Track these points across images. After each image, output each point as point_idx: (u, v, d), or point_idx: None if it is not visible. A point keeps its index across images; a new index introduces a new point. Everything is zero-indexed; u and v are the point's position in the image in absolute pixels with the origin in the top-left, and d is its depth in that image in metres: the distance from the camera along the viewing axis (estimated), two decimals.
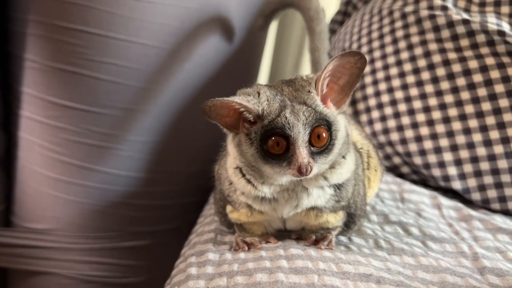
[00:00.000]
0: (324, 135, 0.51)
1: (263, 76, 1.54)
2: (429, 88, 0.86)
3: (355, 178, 0.60)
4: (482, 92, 0.82)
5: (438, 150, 0.85)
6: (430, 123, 0.86)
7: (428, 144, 0.86)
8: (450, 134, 0.84)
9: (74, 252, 0.92)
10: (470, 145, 0.82)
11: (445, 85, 0.85)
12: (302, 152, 0.50)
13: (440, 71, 0.86)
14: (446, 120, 0.84)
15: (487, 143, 0.81)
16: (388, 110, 0.91)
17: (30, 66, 0.85)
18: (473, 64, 0.83)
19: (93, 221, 0.92)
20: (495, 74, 0.81)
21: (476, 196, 0.83)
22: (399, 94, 0.90)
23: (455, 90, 0.84)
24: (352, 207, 0.61)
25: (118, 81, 0.85)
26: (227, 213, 0.62)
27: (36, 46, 0.84)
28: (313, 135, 0.50)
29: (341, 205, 0.59)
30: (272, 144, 0.50)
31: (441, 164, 0.85)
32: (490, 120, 0.81)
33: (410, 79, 0.89)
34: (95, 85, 0.85)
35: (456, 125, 0.84)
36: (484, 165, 0.82)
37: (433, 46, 0.87)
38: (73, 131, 0.86)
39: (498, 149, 0.80)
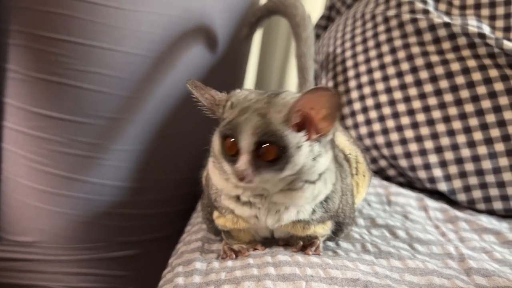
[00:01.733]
0: (271, 151, 0.50)
1: (249, 82, 1.54)
2: (412, 91, 0.87)
3: (342, 189, 0.60)
4: (464, 94, 0.83)
5: (423, 152, 0.86)
6: (415, 125, 0.86)
7: (413, 147, 0.87)
8: (435, 136, 0.85)
9: (61, 264, 0.91)
10: (455, 147, 0.83)
11: (428, 87, 0.86)
12: (242, 159, 0.50)
13: (423, 74, 0.87)
14: (430, 122, 0.85)
15: (471, 144, 0.82)
16: (373, 114, 0.91)
17: (13, 76, 0.84)
18: (455, 66, 0.84)
19: (79, 232, 0.91)
20: (476, 76, 0.83)
21: (461, 197, 0.83)
22: (383, 98, 0.90)
23: (438, 92, 0.85)
24: (340, 216, 0.61)
25: (102, 90, 0.84)
26: (213, 219, 0.62)
27: (18, 56, 0.83)
28: (260, 148, 0.50)
29: (329, 215, 0.59)
30: (227, 144, 0.52)
31: (427, 166, 0.85)
32: (473, 122, 0.82)
33: (394, 82, 0.89)
34: (79, 94, 0.84)
35: (440, 127, 0.85)
36: (469, 166, 0.82)
37: (415, 50, 0.88)
38: (58, 141, 0.86)
39: (482, 150, 0.81)
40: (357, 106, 0.94)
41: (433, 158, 0.85)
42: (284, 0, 0.92)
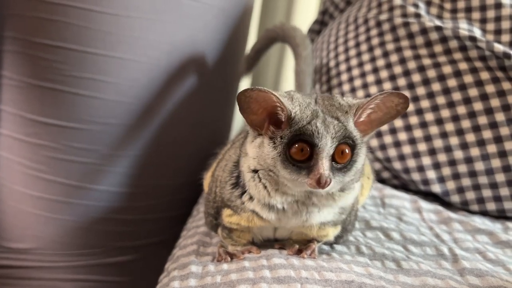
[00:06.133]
0: (347, 152, 0.51)
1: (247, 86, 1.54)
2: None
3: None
4: (456, 96, 0.84)
5: (416, 155, 0.86)
6: (408, 128, 0.87)
7: (406, 149, 0.87)
8: (428, 138, 0.86)
9: (58, 271, 0.91)
10: (448, 149, 0.84)
11: (420, 90, 0.87)
12: (325, 164, 0.49)
13: (416, 77, 0.87)
14: (423, 125, 0.86)
15: (464, 146, 0.83)
16: None
17: (8, 83, 0.85)
18: (447, 69, 0.85)
19: (76, 238, 0.91)
20: (468, 78, 0.83)
21: (455, 198, 0.84)
22: None
23: (430, 95, 0.86)
24: (346, 221, 0.62)
25: (97, 96, 0.85)
26: (222, 217, 0.60)
27: (13, 63, 0.84)
28: (337, 150, 0.50)
29: (342, 218, 0.59)
30: (296, 150, 0.50)
31: (420, 168, 0.86)
32: (466, 124, 0.83)
33: (387, 85, 0.90)
34: (74, 100, 0.84)
35: (433, 130, 0.85)
36: (462, 168, 0.83)
37: (408, 53, 0.89)
38: (54, 148, 0.86)
39: (475, 151, 0.82)
40: None
41: (426, 160, 0.86)
42: (282, 25, 0.97)
